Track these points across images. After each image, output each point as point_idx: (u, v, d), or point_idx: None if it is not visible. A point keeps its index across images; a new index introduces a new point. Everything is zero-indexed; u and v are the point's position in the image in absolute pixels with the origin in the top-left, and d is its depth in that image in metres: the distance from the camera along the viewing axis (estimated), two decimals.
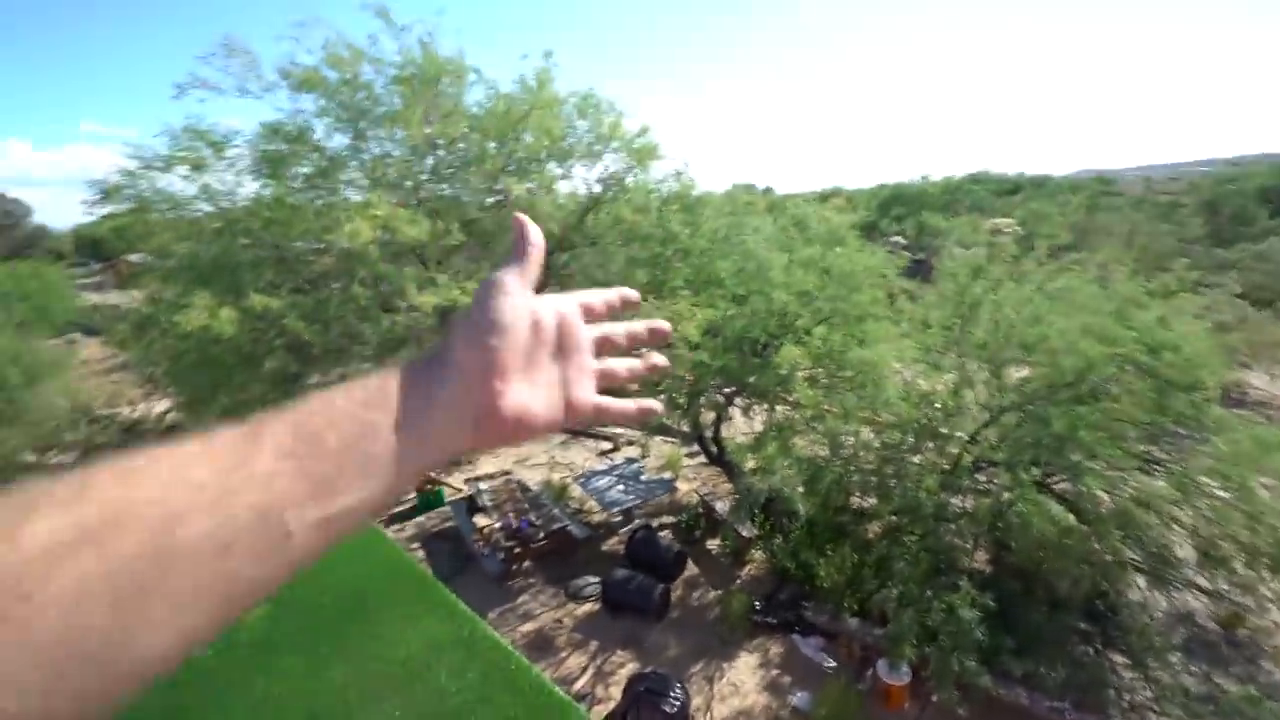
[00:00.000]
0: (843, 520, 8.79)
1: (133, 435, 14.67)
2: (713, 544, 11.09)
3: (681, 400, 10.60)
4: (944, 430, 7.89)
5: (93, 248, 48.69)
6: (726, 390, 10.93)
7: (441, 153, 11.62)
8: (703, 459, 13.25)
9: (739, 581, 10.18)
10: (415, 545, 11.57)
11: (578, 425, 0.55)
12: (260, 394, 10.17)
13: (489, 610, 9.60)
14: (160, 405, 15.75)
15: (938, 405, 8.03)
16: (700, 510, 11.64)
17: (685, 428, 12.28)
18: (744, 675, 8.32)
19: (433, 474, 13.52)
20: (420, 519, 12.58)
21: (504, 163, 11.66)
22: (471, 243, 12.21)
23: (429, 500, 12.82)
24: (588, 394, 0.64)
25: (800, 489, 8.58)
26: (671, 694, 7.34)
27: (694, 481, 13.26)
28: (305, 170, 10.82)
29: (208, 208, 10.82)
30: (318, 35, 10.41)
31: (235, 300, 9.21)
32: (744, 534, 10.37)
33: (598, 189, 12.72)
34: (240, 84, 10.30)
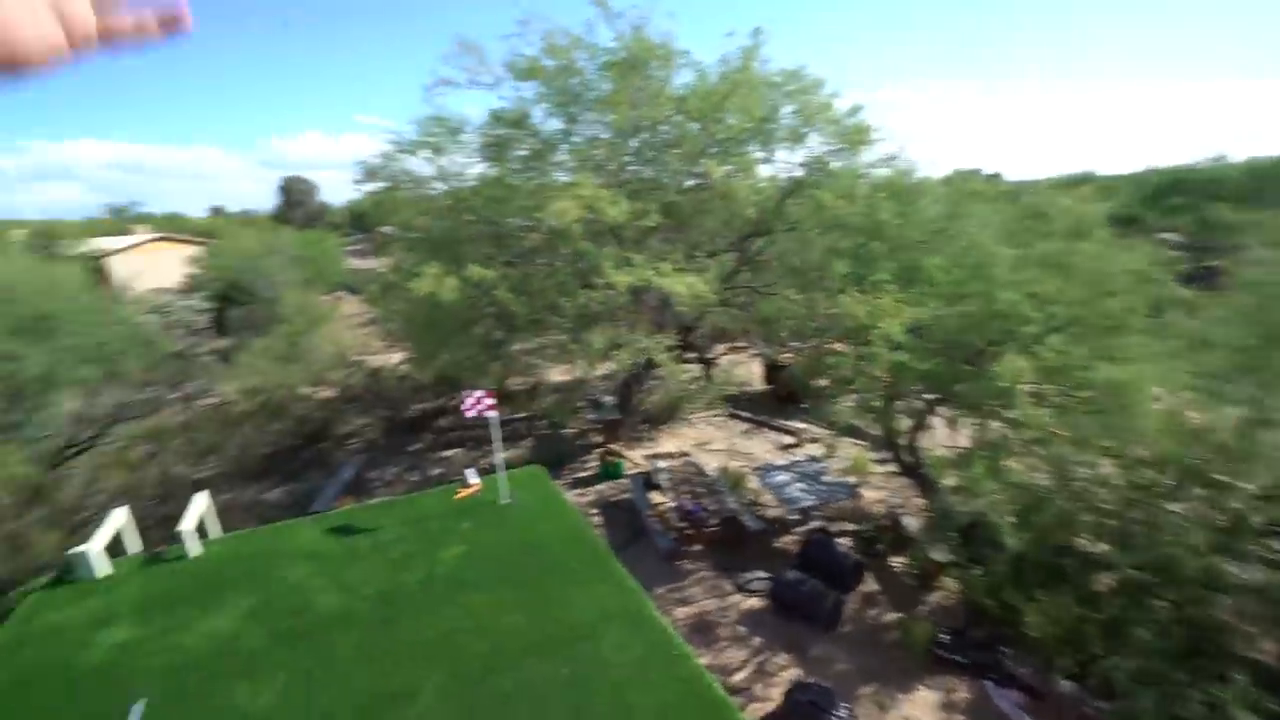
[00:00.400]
0: (1063, 563, 7.51)
1: (375, 379, 17.40)
2: (896, 561, 10.22)
3: (877, 402, 9.81)
4: (1222, 478, 6.32)
5: (359, 221, 58.58)
6: (929, 397, 9.91)
7: (645, 135, 11.94)
8: (893, 468, 12.25)
9: (924, 608, 9.26)
10: (595, 511, 12.23)
11: (82, 49, 0.51)
12: (471, 355, 11.46)
13: (656, 585, 9.83)
14: (396, 356, 18.51)
15: (1216, 445, 6.44)
16: (886, 523, 10.78)
17: (877, 432, 11.42)
18: (921, 712, 7.56)
19: (613, 446, 14.19)
20: (602, 486, 13.29)
21: (704, 144, 11.65)
22: (667, 225, 12.42)
23: (610, 470, 13.49)
24: (86, 15, 0.63)
25: (1011, 518, 7.49)
26: (836, 713, 6.92)
27: (880, 491, 12.32)
28: (522, 153, 11.85)
29: (442, 186, 12.40)
30: (539, 29, 11.26)
31: (457, 270, 10.37)
32: (935, 557, 9.38)
33: (800, 172, 12.19)
34: (472, 77, 11.53)
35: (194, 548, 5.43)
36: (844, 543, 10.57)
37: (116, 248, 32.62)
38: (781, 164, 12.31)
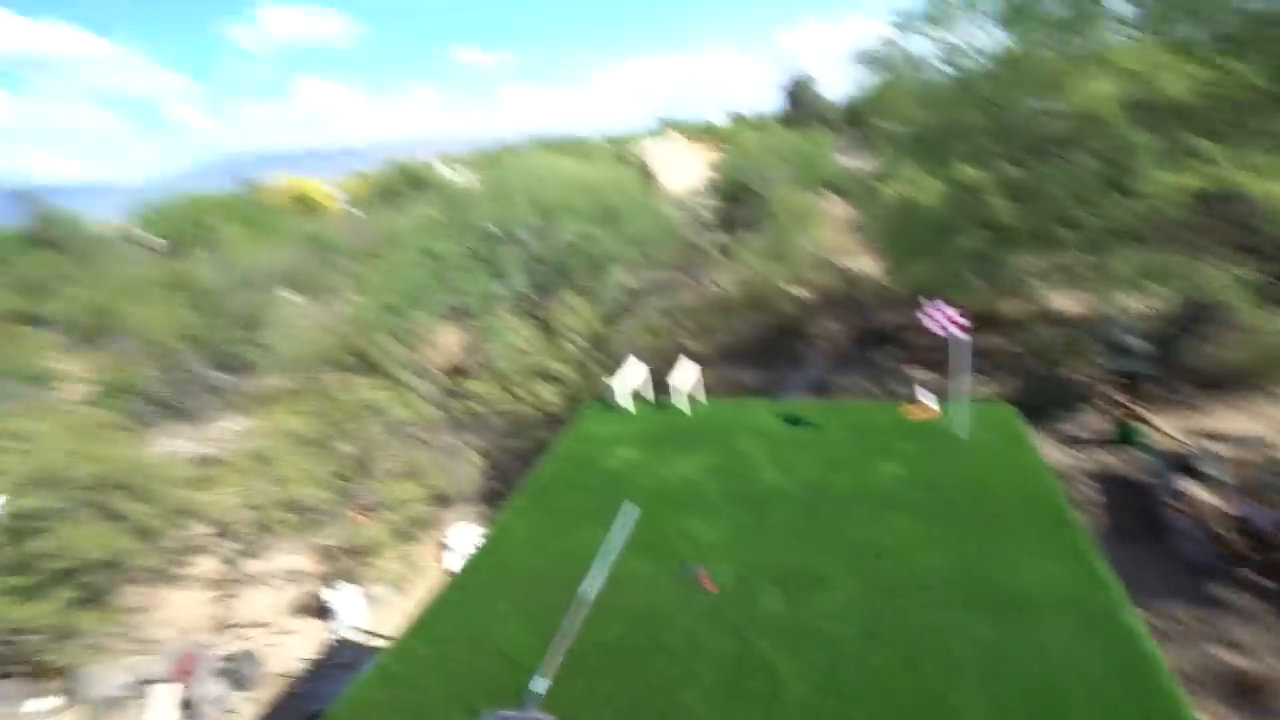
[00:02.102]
0: None
1: (849, 284, 17.85)
2: None
3: None
4: None
5: (854, 117, 58.09)
6: None
7: None
8: None
9: None
10: (1087, 480, 10.16)
11: None
12: (951, 268, 10.40)
13: (1165, 601, 7.56)
14: (872, 263, 18.46)
15: None
16: None
17: None
18: None
19: (1133, 406, 11.27)
20: (1102, 453, 10.83)
21: None
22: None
23: (1126, 435, 10.68)
24: None
25: None
26: None
27: None
28: (1055, 12, 9.40)
29: (948, 69, 10.94)
30: None
31: (942, 170, 9.34)
32: None
33: None
34: None
35: (683, 405, 6.86)
36: None
37: (658, 152, 40.94)
38: None
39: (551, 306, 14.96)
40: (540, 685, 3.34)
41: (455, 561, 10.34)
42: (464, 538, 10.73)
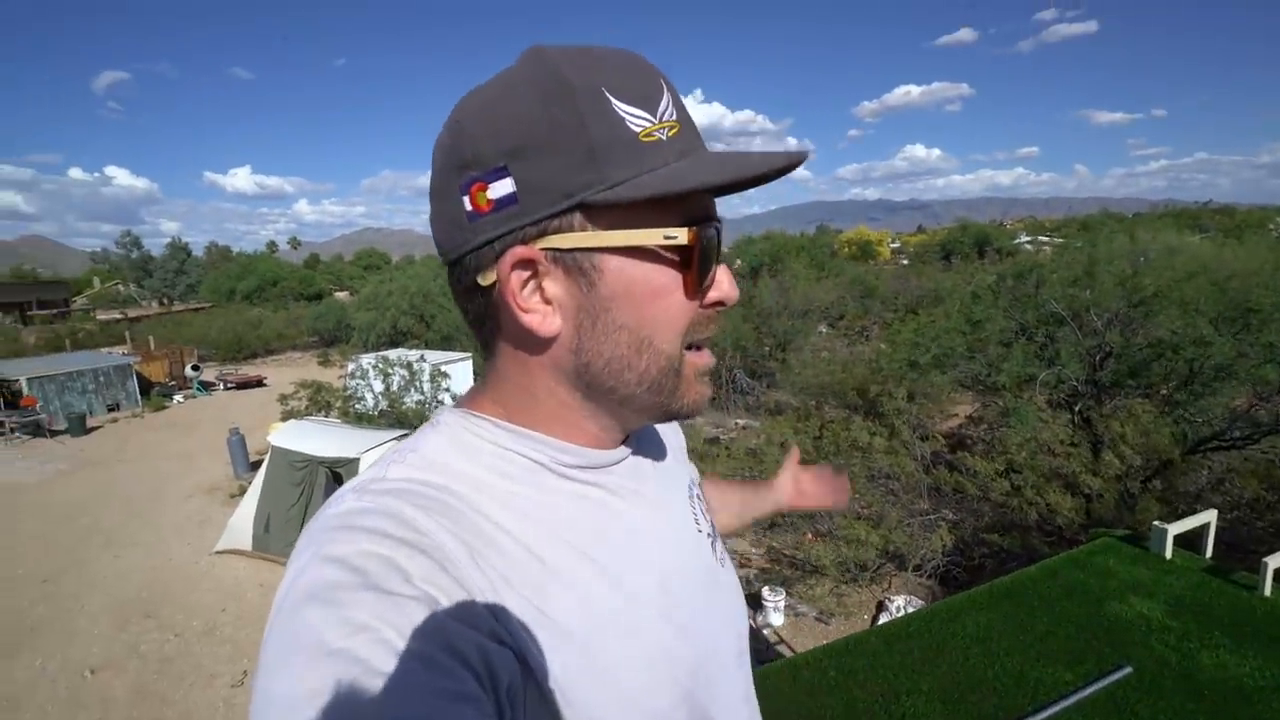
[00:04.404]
0: None
1: None
2: None
3: None
4: None
5: None
6: None
7: None
8: None
9: None
10: None
11: None
12: None
13: None
14: None
15: None
16: None
17: None
18: None
19: None
20: None
21: None
22: None
23: None
24: None
25: None
26: None
27: None
28: None
29: None
30: None
31: None
32: None
33: None
34: None
35: (1267, 583, 5.12)
36: None
37: None
38: None
39: (1108, 411, 12.70)
40: None
41: (884, 619, 10.13)
42: (903, 604, 10.41)
